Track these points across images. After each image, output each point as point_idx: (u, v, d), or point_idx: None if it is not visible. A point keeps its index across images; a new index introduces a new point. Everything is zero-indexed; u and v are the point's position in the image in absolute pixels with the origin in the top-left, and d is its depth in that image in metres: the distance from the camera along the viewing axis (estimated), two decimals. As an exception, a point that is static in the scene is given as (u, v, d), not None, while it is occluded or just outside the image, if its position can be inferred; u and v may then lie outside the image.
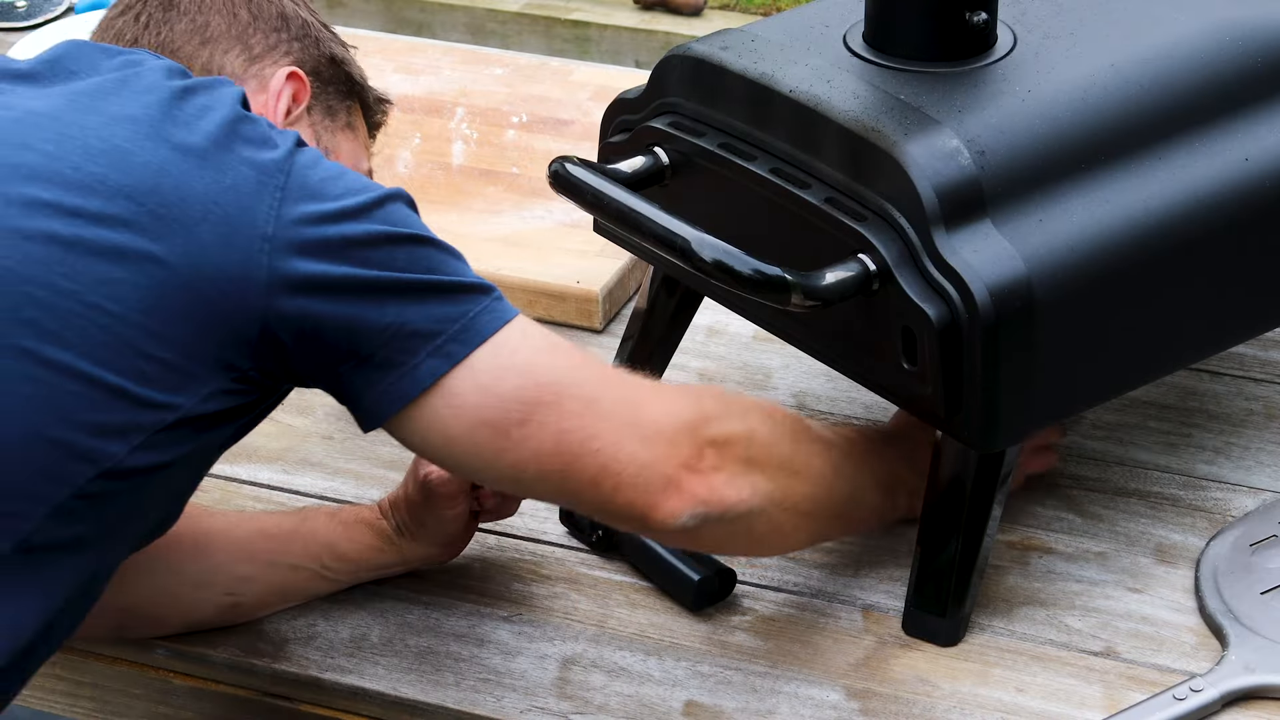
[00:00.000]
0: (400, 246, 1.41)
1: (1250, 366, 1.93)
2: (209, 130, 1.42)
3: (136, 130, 1.41)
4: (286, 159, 1.42)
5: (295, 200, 1.40)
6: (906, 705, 1.57)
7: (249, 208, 1.39)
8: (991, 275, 1.50)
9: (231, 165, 1.40)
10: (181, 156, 1.40)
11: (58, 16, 2.55)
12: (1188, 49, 1.63)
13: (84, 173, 1.38)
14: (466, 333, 1.41)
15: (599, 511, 1.49)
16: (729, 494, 1.48)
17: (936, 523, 1.61)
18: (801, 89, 1.60)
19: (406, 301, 1.40)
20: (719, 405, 1.51)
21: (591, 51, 5.19)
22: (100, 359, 1.35)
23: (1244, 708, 1.55)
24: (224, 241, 1.38)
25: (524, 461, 1.43)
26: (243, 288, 1.38)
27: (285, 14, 1.69)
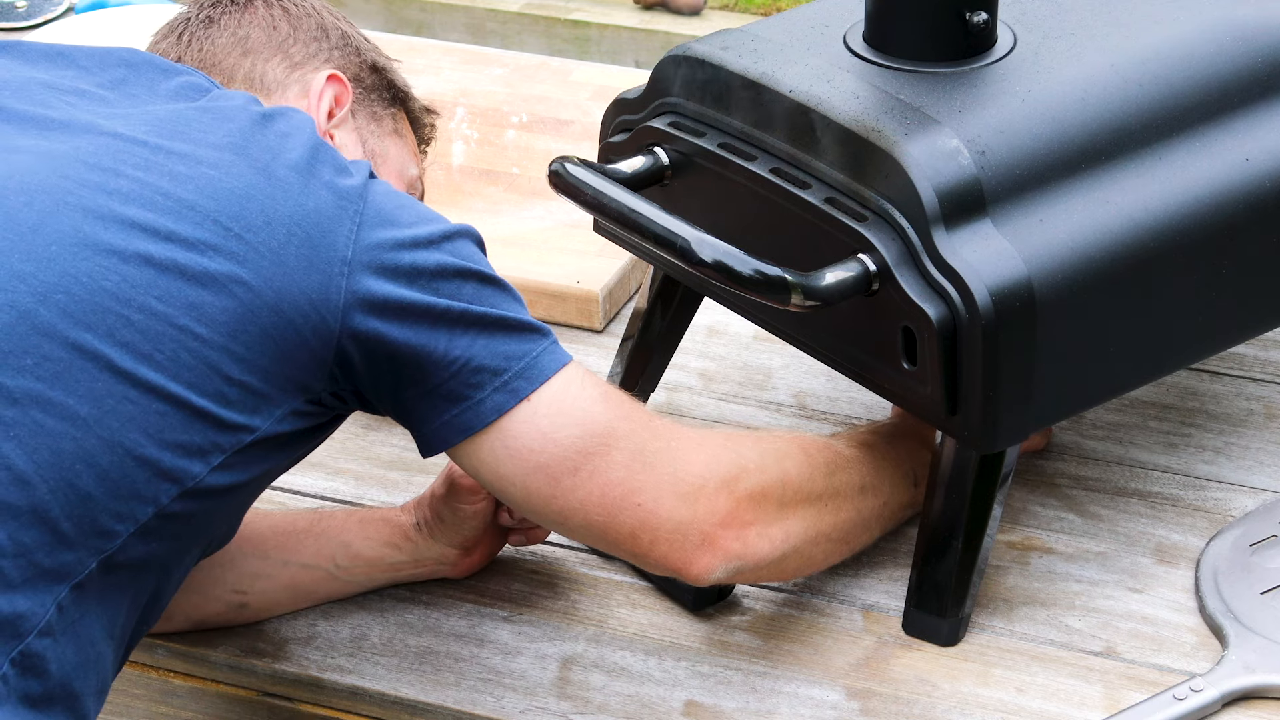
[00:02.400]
0: (468, 280, 1.45)
1: (1250, 366, 1.93)
2: (291, 157, 1.45)
3: (221, 157, 1.44)
4: (363, 186, 1.46)
5: (372, 226, 1.44)
6: (906, 705, 1.57)
7: (330, 231, 1.43)
8: (991, 275, 1.50)
9: (313, 190, 1.44)
10: (266, 181, 1.43)
11: (58, 16, 2.55)
12: (1188, 48, 1.63)
13: (174, 199, 1.41)
14: (531, 370, 1.45)
15: (635, 560, 1.52)
16: (762, 547, 1.52)
17: (936, 522, 1.61)
18: (801, 89, 1.60)
19: (474, 335, 1.44)
20: (756, 454, 1.54)
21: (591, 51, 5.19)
22: (188, 381, 1.39)
23: (1244, 708, 1.55)
24: (306, 264, 1.41)
25: (571, 509, 1.48)
26: (321, 310, 1.41)
27: (324, 25, 1.72)
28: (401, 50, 2.46)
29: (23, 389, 1.34)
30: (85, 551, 1.36)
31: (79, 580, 1.36)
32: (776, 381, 1.94)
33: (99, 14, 2.48)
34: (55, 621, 1.35)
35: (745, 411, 1.89)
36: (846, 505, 1.60)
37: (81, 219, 1.39)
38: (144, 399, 1.37)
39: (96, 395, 1.36)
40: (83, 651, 1.38)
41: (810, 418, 1.88)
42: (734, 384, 1.94)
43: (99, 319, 1.37)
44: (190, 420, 1.39)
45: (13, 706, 1.33)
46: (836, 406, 1.90)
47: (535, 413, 1.45)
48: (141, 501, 1.38)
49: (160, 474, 1.38)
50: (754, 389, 1.93)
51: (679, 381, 1.93)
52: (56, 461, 1.34)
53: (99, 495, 1.36)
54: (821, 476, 1.57)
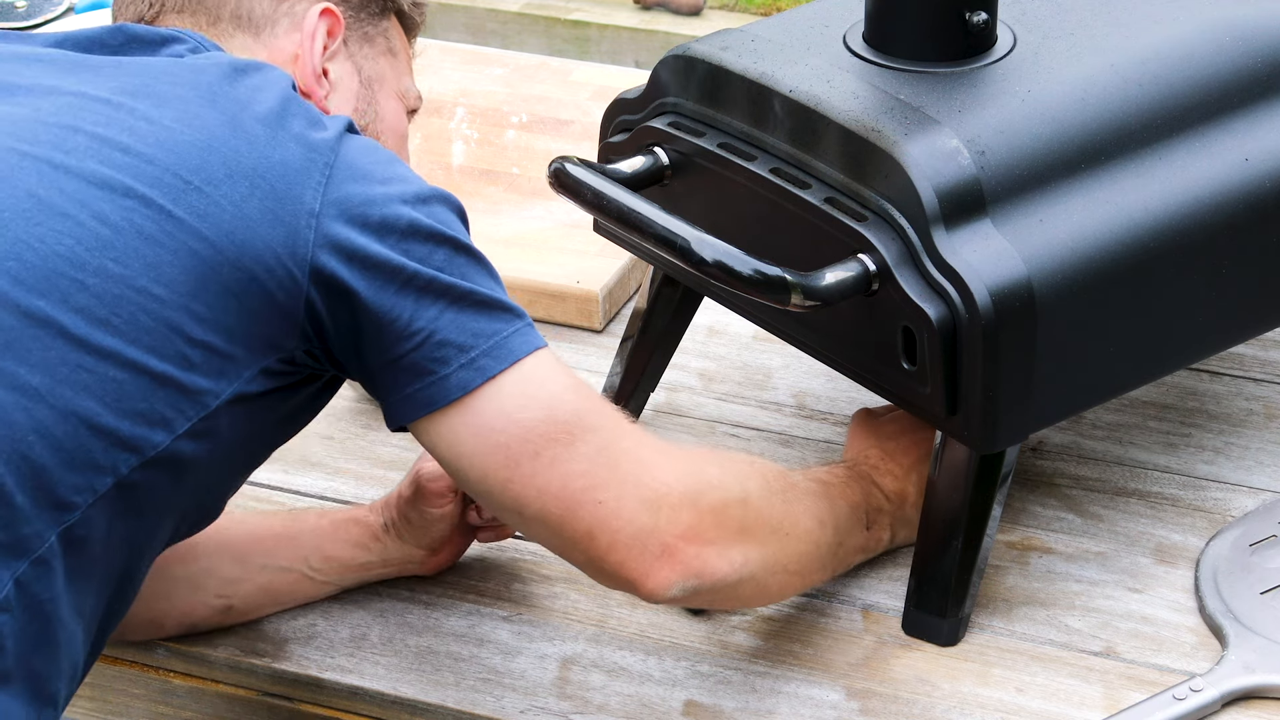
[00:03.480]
0: (440, 246, 1.41)
1: (1250, 366, 1.93)
2: (260, 110, 1.42)
3: (186, 110, 1.41)
4: (336, 140, 1.42)
5: (343, 180, 1.41)
6: (906, 705, 1.57)
7: (296, 183, 1.39)
8: (991, 275, 1.50)
9: (281, 142, 1.40)
10: (231, 133, 1.40)
11: (58, 16, 2.55)
12: (1188, 49, 1.63)
13: (133, 153, 1.38)
14: (499, 350, 1.41)
15: (588, 567, 1.46)
16: (720, 566, 1.47)
17: (936, 522, 1.61)
18: (801, 89, 1.60)
19: (441, 307, 1.41)
20: (719, 471, 1.50)
21: (591, 51, 5.19)
22: (147, 345, 1.36)
23: (1244, 708, 1.55)
24: (270, 217, 1.38)
25: (528, 497, 1.43)
26: (288, 264, 1.38)
27: None
28: (401, 50, 2.46)
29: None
30: (42, 524, 1.33)
31: (38, 555, 1.33)
32: (776, 381, 1.94)
33: (99, 14, 2.48)
34: (14, 597, 1.32)
35: (745, 411, 1.90)
36: (805, 538, 1.55)
37: (36, 181, 1.37)
38: (100, 366, 1.34)
39: (49, 364, 1.33)
40: (46, 630, 1.35)
41: (810, 418, 1.88)
42: (734, 384, 1.94)
43: (52, 285, 1.34)
44: (151, 387, 1.36)
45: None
46: (836, 406, 1.90)
47: (500, 392, 1.41)
48: (99, 472, 1.35)
49: (118, 443, 1.35)
50: (754, 389, 1.93)
51: (679, 381, 1.93)
52: (9, 434, 1.31)
53: (53, 467, 1.33)
54: (779, 502, 1.53)
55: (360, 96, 1.64)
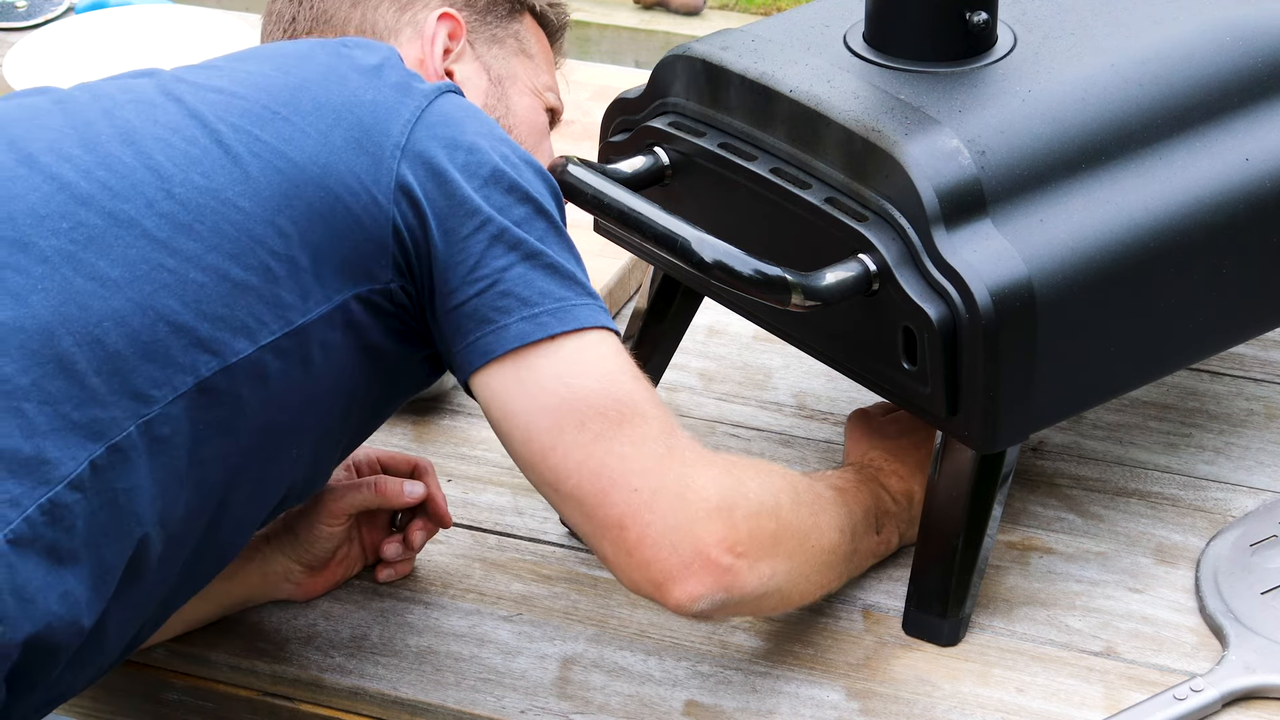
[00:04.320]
0: (522, 203, 1.43)
1: (1250, 366, 1.93)
2: (362, 64, 1.48)
3: (285, 62, 1.49)
4: (434, 92, 1.47)
5: (433, 123, 1.44)
6: (906, 705, 1.57)
7: (385, 119, 1.44)
8: (992, 275, 1.50)
9: (374, 87, 1.45)
10: (324, 76, 1.46)
11: (58, 16, 2.55)
12: (1188, 48, 1.63)
13: (227, 93, 1.46)
14: (564, 313, 1.42)
15: (616, 562, 1.43)
16: (750, 580, 1.45)
17: (936, 523, 1.61)
18: (801, 89, 1.60)
19: (513, 259, 1.42)
20: (758, 484, 1.48)
21: (591, 51, 5.19)
22: (229, 253, 1.39)
23: (1244, 708, 1.55)
24: (355, 145, 1.43)
25: (566, 469, 1.42)
26: (372, 190, 1.41)
27: None
28: (401, 50, 2.46)
29: (55, 248, 1.37)
30: (120, 411, 1.36)
31: (115, 442, 1.35)
32: (776, 381, 1.94)
33: (99, 14, 2.48)
34: (88, 478, 1.34)
35: (745, 411, 1.89)
36: (828, 548, 1.55)
37: (134, 113, 1.44)
38: (181, 267, 1.38)
39: (130, 260, 1.37)
40: (120, 522, 1.36)
41: (810, 418, 1.88)
42: (734, 384, 1.94)
43: (138, 191, 1.40)
44: (232, 292, 1.39)
45: (36, 556, 1.32)
46: (836, 406, 1.90)
47: (558, 353, 1.41)
48: (178, 369, 1.37)
49: (197, 343, 1.38)
50: (754, 389, 1.93)
51: (679, 381, 1.93)
52: (83, 317, 1.35)
53: (129, 355, 1.36)
54: (808, 515, 1.53)
55: (490, 94, 1.67)
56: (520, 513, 1.77)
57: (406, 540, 1.69)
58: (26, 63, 2.37)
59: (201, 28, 2.43)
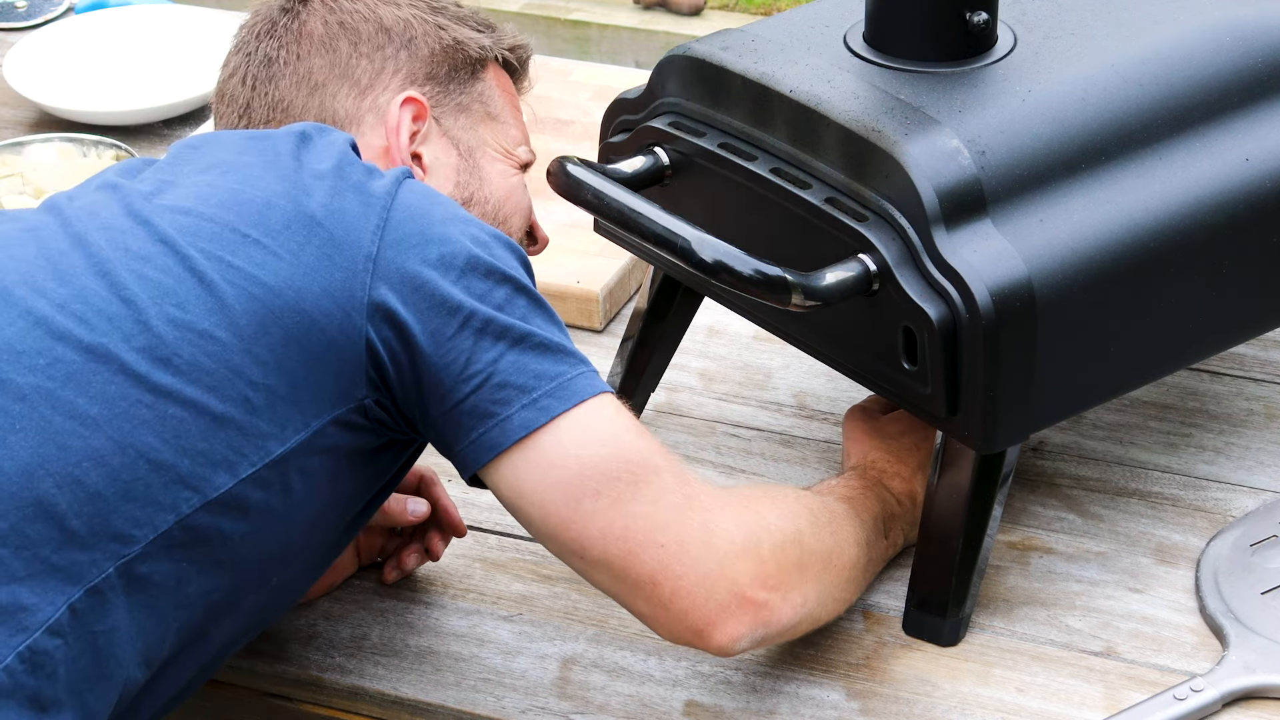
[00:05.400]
0: (501, 285, 1.42)
1: (1250, 366, 1.93)
2: (319, 168, 1.45)
3: (248, 175, 1.46)
4: (394, 185, 1.45)
5: (400, 222, 1.42)
6: (906, 705, 1.57)
7: (353, 229, 1.42)
8: (992, 275, 1.50)
9: (338, 192, 1.43)
10: (290, 188, 1.44)
11: (58, 16, 2.55)
12: (1188, 48, 1.63)
13: (195, 215, 1.43)
14: (562, 391, 1.41)
15: (653, 618, 1.44)
16: (785, 612, 1.46)
17: (936, 523, 1.61)
18: (801, 89, 1.60)
19: (502, 348, 1.41)
20: (776, 514, 1.49)
21: (591, 51, 5.19)
22: (208, 385, 1.38)
23: (1244, 708, 1.55)
24: (327, 262, 1.41)
25: (590, 538, 1.42)
26: (345, 307, 1.40)
27: (384, 24, 1.66)
28: (401, 50, 2.46)
29: (33, 386, 1.35)
30: (100, 554, 1.35)
31: (94, 584, 1.35)
32: (776, 381, 1.94)
33: (99, 14, 2.47)
34: (67, 623, 1.34)
35: (745, 411, 1.89)
36: (849, 564, 1.55)
37: (105, 241, 1.41)
38: (159, 403, 1.37)
39: (108, 397, 1.36)
40: (101, 665, 1.36)
41: (810, 418, 1.88)
42: (734, 384, 1.94)
43: (114, 325, 1.37)
44: (211, 426, 1.38)
45: (18, 705, 1.32)
46: (836, 406, 1.89)
47: (563, 430, 1.41)
48: (159, 508, 1.36)
49: (178, 480, 1.37)
50: (754, 389, 1.93)
51: (679, 381, 1.93)
52: (62, 457, 1.34)
53: (109, 495, 1.35)
54: (828, 536, 1.53)
55: (461, 169, 1.65)
56: (520, 513, 1.77)
57: (428, 550, 1.69)
58: (26, 63, 2.37)
59: (201, 28, 2.43)
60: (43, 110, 2.33)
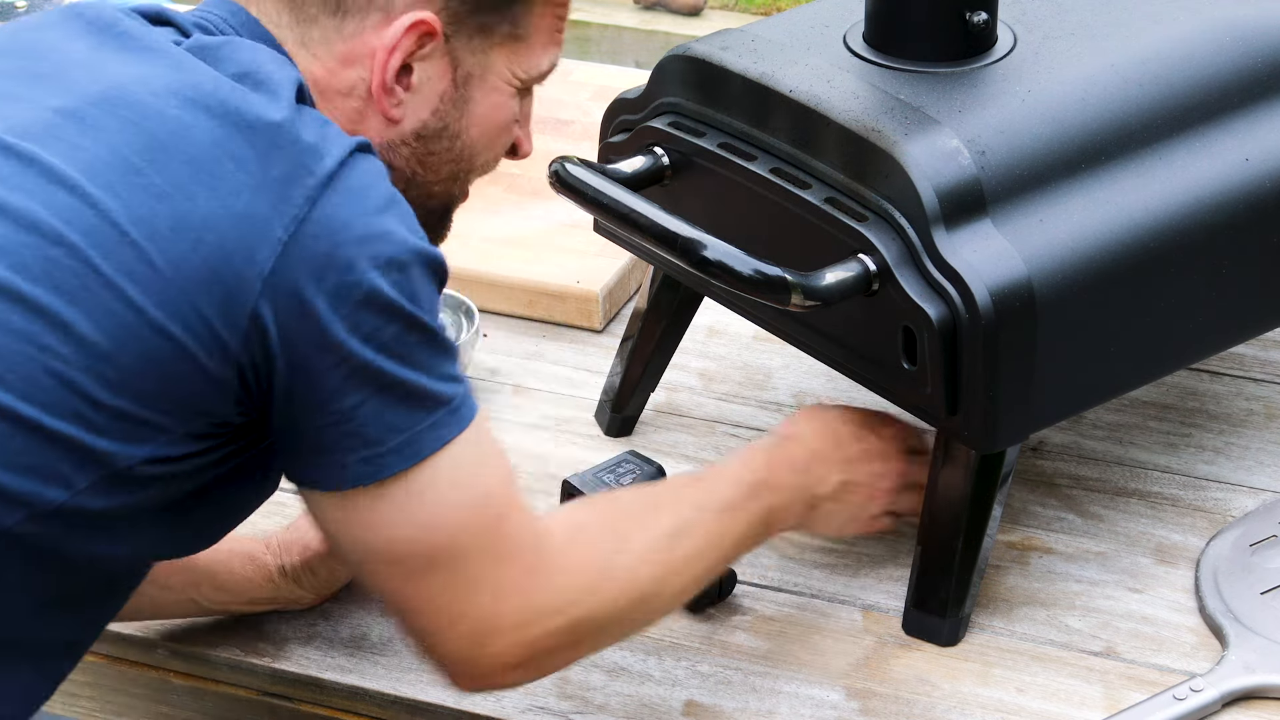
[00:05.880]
0: (393, 322, 1.32)
1: (1250, 366, 1.93)
2: (258, 122, 1.31)
3: (152, 140, 1.31)
4: (321, 186, 1.31)
5: (310, 237, 1.30)
6: (906, 705, 1.57)
7: (253, 239, 1.29)
8: (992, 275, 1.50)
9: (251, 189, 1.30)
10: (192, 176, 1.30)
11: (58, 16, 2.54)
12: (1188, 49, 1.63)
13: (79, 194, 1.30)
14: (408, 448, 1.33)
15: (414, 645, 1.43)
16: (552, 663, 1.43)
17: (936, 522, 1.61)
18: (801, 89, 1.60)
19: (366, 394, 1.32)
20: (598, 575, 1.43)
21: (591, 51, 5.19)
22: (42, 403, 1.28)
23: (1244, 708, 1.55)
24: (211, 276, 1.29)
25: (375, 587, 1.40)
26: (221, 332, 1.30)
27: None
28: (401, 50, 2.46)
29: None
30: None
31: None
32: (776, 381, 1.94)
33: (99, 14, 2.47)
34: None
35: (745, 411, 1.89)
36: (674, 595, 1.49)
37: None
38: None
39: None
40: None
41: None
42: (734, 384, 1.94)
43: None
44: (43, 444, 1.29)
45: None
46: (836, 406, 1.89)
47: (385, 497, 1.34)
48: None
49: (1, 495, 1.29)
50: (754, 389, 1.93)
51: (679, 381, 1.93)
52: None
53: None
54: (662, 564, 1.46)
55: (445, 98, 1.47)
56: (520, 513, 1.77)
57: None
58: (26, 63, 2.37)
59: (201, 28, 2.43)
60: (43, 110, 2.33)
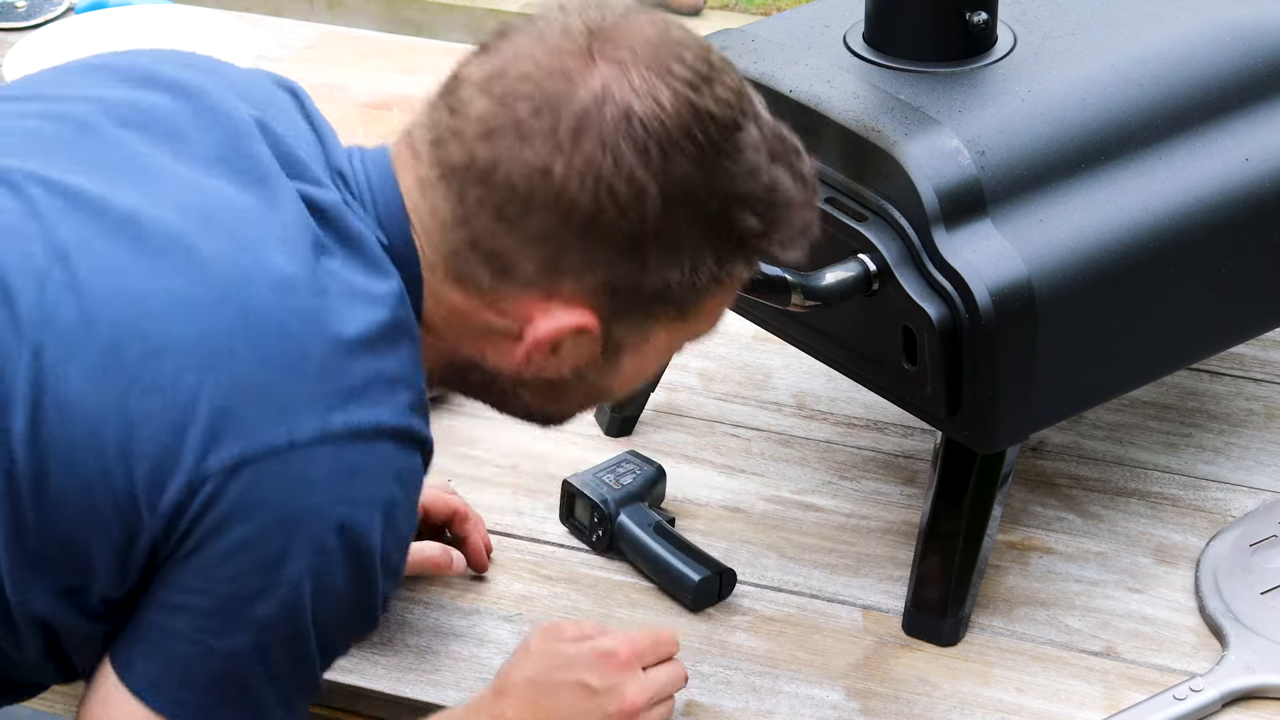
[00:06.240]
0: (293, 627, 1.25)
1: (1250, 366, 1.93)
2: (333, 334, 1.22)
3: (173, 298, 1.23)
4: (316, 435, 1.22)
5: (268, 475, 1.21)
6: (906, 705, 1.57)
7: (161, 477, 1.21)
8: (992, 275, 1.50)
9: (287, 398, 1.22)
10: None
11: (58, 16, 2.55)
12: (1188, 49, 1.63)
13: (44, 355, 1.23)
14: (182, 705, 1.27)
15: None
16: None
17: (936, 523, 1.61)
18: (801, 89, 1.60)
19: (210, 626, 1.25)
20: None
21: (591, 51, 5.18)
22: None
23: (1244, 708, 1.55)
24: (165, 431, 1.21)
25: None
26: (144, 496, 1.23)
27: (658, 226, 1.25)
28: (401, 50, 2.47)
29: None
30: None
31: None
32: (776, 381, 1.94)
33: (99, 14, 2.48)
34: None
35: (745, 411, 1.89)
36: None
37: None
38: None
39: None
40: None
41: (810, 418, 1.88)
42: (734, 384, 1.94)
43: None
44: None
45: None
46: (836, 406, 1.89)
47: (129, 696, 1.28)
48: None
49: None
50: (754, 389, 1.93)
51: (679, 381, 1.93)
52: None
53: None
54: None
55: (590, 363, 1.33)
56: (520, 513, 1.77)
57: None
58: (26, 63, 2.37)
59: (201, 28, 2.43)
60: (43, 110, 2.33)
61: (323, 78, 2.35)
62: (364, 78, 2.35)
